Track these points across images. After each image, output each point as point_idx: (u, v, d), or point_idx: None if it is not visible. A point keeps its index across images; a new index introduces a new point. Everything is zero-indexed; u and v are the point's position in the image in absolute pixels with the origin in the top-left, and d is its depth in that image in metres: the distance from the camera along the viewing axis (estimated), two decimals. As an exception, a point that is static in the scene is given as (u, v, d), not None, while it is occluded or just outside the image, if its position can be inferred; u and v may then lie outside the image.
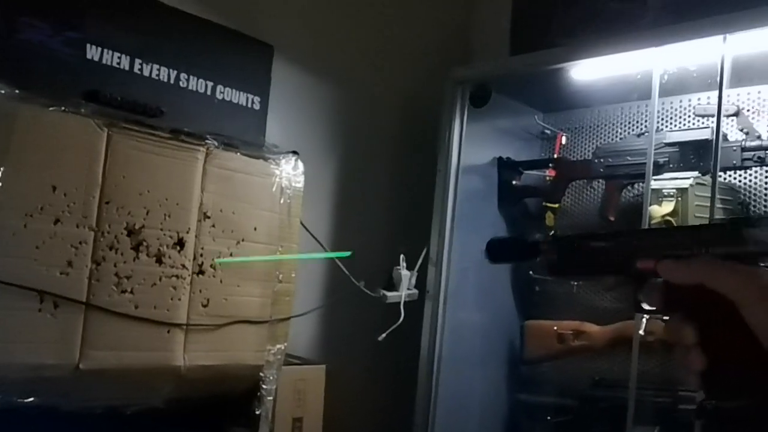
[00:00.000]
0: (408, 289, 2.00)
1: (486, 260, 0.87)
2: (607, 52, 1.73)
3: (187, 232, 1.43)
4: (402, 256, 1.96)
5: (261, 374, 1.57)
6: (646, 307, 0.71)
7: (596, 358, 2.03)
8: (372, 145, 2.25)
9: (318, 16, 2.13)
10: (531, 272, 2.19)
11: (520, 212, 2.26)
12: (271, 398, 1.59)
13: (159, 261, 1.39)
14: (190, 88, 1.78)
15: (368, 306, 1.97)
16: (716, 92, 1.58)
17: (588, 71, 1.85)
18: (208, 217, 1.47)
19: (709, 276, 0.62)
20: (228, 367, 1.51)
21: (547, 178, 2.16)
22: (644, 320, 1.85)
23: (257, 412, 1.58)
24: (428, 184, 2.08)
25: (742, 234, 0.64)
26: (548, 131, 2.30)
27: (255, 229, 1.55)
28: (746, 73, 1.76)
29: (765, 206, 1.80)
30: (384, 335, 1.88)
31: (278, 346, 1.59)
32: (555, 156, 2.21)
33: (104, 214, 1.33)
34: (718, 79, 1.55)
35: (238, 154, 1.54)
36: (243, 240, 1.53)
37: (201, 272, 1.46)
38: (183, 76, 1.76)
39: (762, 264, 0.62)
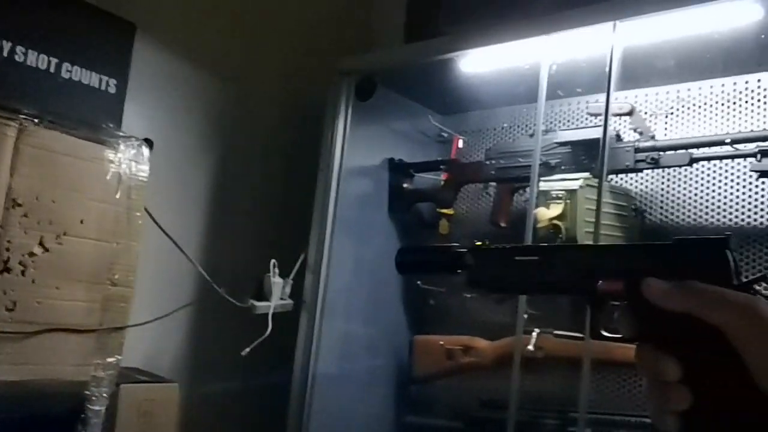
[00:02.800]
0: (281, 298, 1.81)
1: (396, 270, 0.78)
2: (495, 41, 1.60)
3: (-11, 222, 1.21)
4: (273, 262, 1.77)
5: (87, 392, 1.34)
6: (607, 333, 0.62)
7: (485, 376, 1.87)
8: (249, 139, 2.04)
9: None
10: (419, 283, 2.02)
11: (412, 218, 2.10)
12: (98, 421, 1.36)
13: (-51, 254, 1.16)
14: (28, 63, 1.56)
15: (235, 317, 1.76)
16: (608, 93, 1.46)
17: (476, 64, 1.72)
18: (19, 205, 1.24)
19: (703, 304, 0.54)
20: (42, 383, 1.27)
21: (441, 181, 2.02)
22: (534, 335, 1.72)
23: (81, 436, 1.35)
24: (312, 185, 1.90)
25: (726, 255, 0.56)
26: (445, 134, 2.16)
27: (81, 221, 1.33)
28: (643, 73, 1.67)
29: (661, 213, 1.69)
30: (248, 349, 1.68)
31: (110, 359, 1.37)
32: (450, 158, 2.07)
33: None
34: (607, 70, 1.43)
35: (64, 134, 1.32)
36: (65, 233, 1.30)
37: (7, 270, 1.23)
38: (19, 48, 1.54)
39: (754, 290, 0.55)
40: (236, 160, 2.00)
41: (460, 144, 2.12)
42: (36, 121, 1.27)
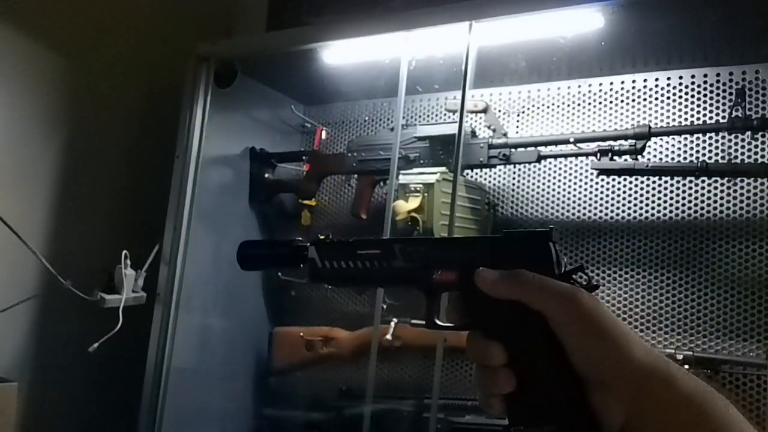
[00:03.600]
0: (133, 291, 1.73)
1: (239, 265, 0.76)
2: (356, 35, 1.61)
3: None
4: (125, 253, 1.68)
5: None
6: (441, 323, 0.64)
7: (345, 366, 1.89)
8: (101, 123, 1.93)
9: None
10: (280, 274, 2.01)
11: (273, 209, 2.08)
12: None
13: None
14: None
15: (83, 311, 1.66)
16: (463, 91, 1.51)
17: (339, 55, 1.72)
18: None
19: (530, 293, 0.57)
20: None
21: (303, 172, 2.01)
22: (392, 324, 1.76)
23: None
24: (168, 172, 1.83)
25: (548, 247, 0.59)
26: (308, 124, 2.15)
27: None
28: (497, 73, 1.74)
29: (512, 207, 1.78)
30: (96, 345, 1.59)
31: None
32: (312, 149, 2.07)
33: None
34: (463, 68, 1.48)
35: None
36: None
37: None
38: None
39: (573, 280, 0.58)
40: (85, 145, 1.88)
41: (323, 135, 2.12)
42: None
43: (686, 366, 1.41)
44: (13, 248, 1.57)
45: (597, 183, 1.66)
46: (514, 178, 1.79)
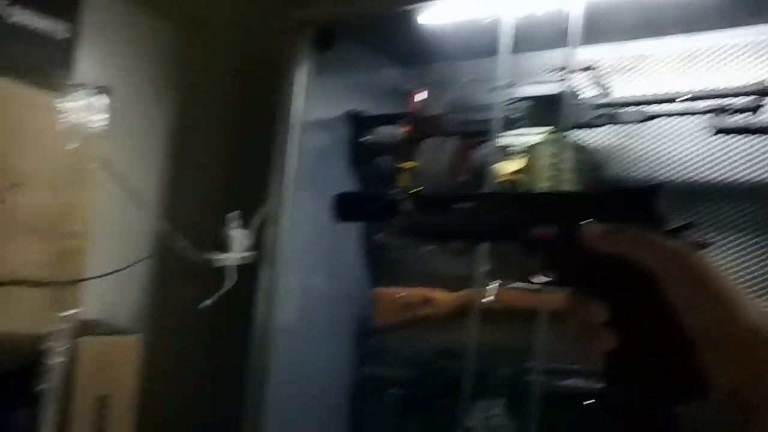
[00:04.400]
0: (242, 251, 1.80)
1: (333, 217, 0.74)
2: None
3: (-67, 173, 1.17)
4: (234, 214, 1.75)
5: (44, 346, 1.33)
6: (538, 279, 0.62)
7: (443, 327, 1.91)
8: (208, 89, 2.00)
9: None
10: (382, 235, 2.03)
11: (371, 171, 2.10)
12: (57, 374, 1.35)
13: None
14: (-29, 5, 1.49)
15: (196, 269, 1.75)
16: (569, 48, 1.47)
17: (437, 15, 1.70)
18: (-35, 155, 1.20)
19: (638, 248, 0.55)
20: (-4, 337, 1.25)
21: (400, 135, 2.01)
22: (493, 287, 1.75)
23: (38, 390, 1.33)
24: (271, 137, 1.88)
25: (648, 207, 0.57)
26: (406, 86, 2.14)
27: (33, 172, 1.29)
28: (601, 29, 1.67)
29: (617, 166, 1.73)
30: (209, 302, 1.68)
31: (67, 312, 1.35)
32: (408, 111, 2.06)
33: None
34: (568, 25, 1.43)
35: (10, 82, 1.27)
36: (18, 184, 1.27)
37: (-45, 222, 1.19)
38: (-38, -11, 1.47)
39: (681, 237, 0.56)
40: (194, 110, 1.96)
41: (421, 96, 2.11)
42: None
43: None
44: (131, 210, 1.67)
45: (709, 143, 1.58)
46: (619, 138, 1.72)
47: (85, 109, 1.38)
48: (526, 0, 1.53)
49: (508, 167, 1.59)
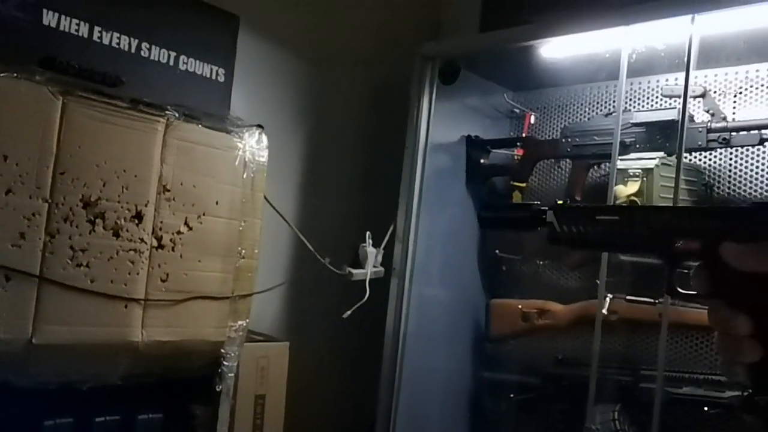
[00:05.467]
0: (374, 266, 1.99)
1: (480, 225, 0.83)
2: (576, 30, 1.72)
3: (146, 205, 1.40)
4: (368, 233, 1.94)
5: (222, 351, 1.55)
6: (682, 291, 0.66)
7: (559, 337, 2.04)
8: (340, 120, 2.22)
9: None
10: (497, 251, 2.19)
11: (487, 191, 2.25)
12: (232, 375, 1.57)
13: (116, 234, 1.35)
14: (151, 57, 1.73)
15: (333, 283, 1.95)
16: (683, 73, 1.58)
17: (557, 49, 1.84)
18: (168, 190, 1.43)
19: None
20: (187, 342, 1.48)
21: (515, 157, 2.16)
22: (607, 300, 1.87)
23: (218, 389, 1.56)
24: (396, 161, 2.06)
25: None
26: (517, 110, 2.29)
27: (216, 203, 1.52)
28: (714, 54, 1.76)
29: (729, 188, 1.82)
30: (349, 312, 1.87)
31: (240, 322, 1.57)
32: (523, 135, 2.21)
33: (59, 185, 1.28)
34: (686, 59, 1.55)
35: (200, 126, 1.49)
36: (204, 214, 1.50)
37: (160, 246, 1.42)
38: (144, 45, 1.72)
39: None
40: (329, 139, 2.18)
41: (532, 120, 2.25)
42: (177, 115, 1.45)
43: None
44: (282, 232, 1.89)
45: (824, 165, 1.66)
46: (731, 160, 1.81)
47: (252, 147, 1.60)
48: (644, 33, 1.64)
49: (625, 190, 1.71)
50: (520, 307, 2.05)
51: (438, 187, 2.11)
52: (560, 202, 0.75)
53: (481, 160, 2.18)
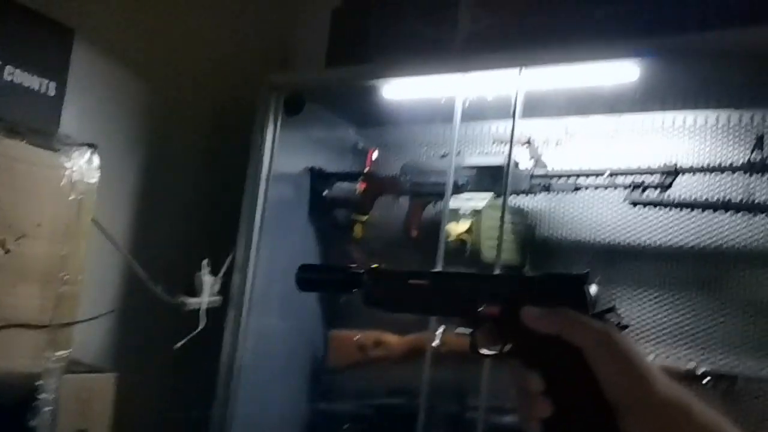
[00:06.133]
0: (211, 295, 1.94)
1: (297, 287, 0.83)
2: (417, 73, 1.81)
3: (-45, 225, 1.29)
4: (205, 261, 1.90)
5: (38, 383, 1.44)
6: (484, 351, 0.71)
7: (394, 368, 2.09)
8: (179, 144, 2.16)
9: (126, 2, 2.01)
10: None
11: (329, 223, 2.28)
12: (48, 409, 1.46)
13: None
14: (-29, 65, 1.61)
15: (167, 312, 1.88)
16: (511, 121, 1.71)
17: (399, 90, 1.92)
18: (-16, 210, 1.33)
19: (570, 328, 0.63)
20: (-2, 375, 1.37)
21: (357, 191, 2.21)
22: (439, 332, 1.95)
23: (31, 424, 1.45)
24: (238, 188, 2.04)
25: (583, 290, 0.66)
26: (361, 146, 2.35)
27: (38, 225, 1.42)
28: (538, 106, 1.91)
29: (548, 229, 1.97)
30: (181, 343, 1.81)
31: (60, 352, 1.47)
32: (366, 170, 2.27)
33: None
34: (512, 109, 1.67)
35: (23, 142, 1.40)
36: (24, 236, 1.40)
37: (-30, 270, 1.31)
38: (-37, 51, 1.60)
39: (605, 318, 0.65)
40: (167, 163, 2.11)
41: (375, 156, 2.32)
42: (-3, 130, 1.36)
43: (708, 378, 1.59)
44: (111, 257, 1.80)
45: (629, 212, 1.84)
46: (552, 203, 1.96)
47: (82, 166, 1.52)
48: (478, 83, 1.75)
49: (457, 228, 1.80)
50: (357, 338, 2.08)
51: (280, 217, 2.11)
52: (374, 265, 0.77)
53: (324, 193, 2.21)
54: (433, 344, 1.94)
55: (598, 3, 1.61)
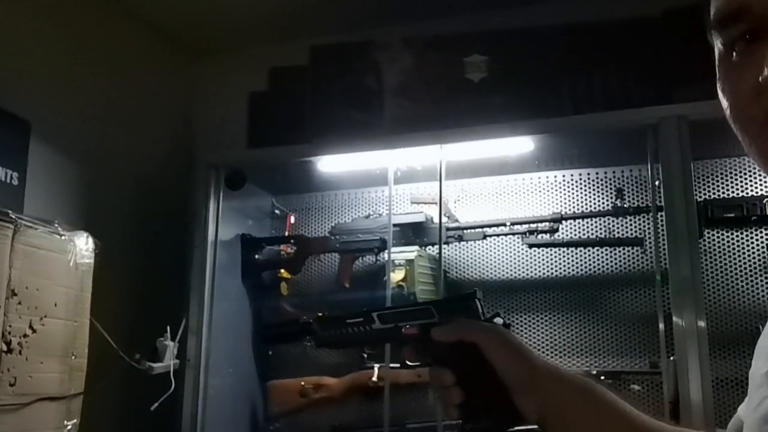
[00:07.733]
0: (171, 359, 2.10)
1: (262, 343, 1.05)
2: (350, 151, 2.15)
3: (-3, 311, 1.40)
4: (168, 327, 2.06)
5: (55, 453, 1.55)
6: (411, 363, 0.89)
7: (335, 407, 2.35)
8: (124, 221, 2.31)
9: (73, 94, 2.16)
10: (262, 341, 2.45)
11: (257, 284, 2.50)
12: (65, 476, 1.57)
13: (-31, 341, 1.34)
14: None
15: (133, 378, 2.01)
16: (433, 182, 2.09)
17: (333, 164, 2.24)
18: (15, 294, 1.45)
19: (467, 333, 0.81)
20: (30, 447, 1.47)
21: (283, 253, 2.47)
22: (375, 369, 2.25)
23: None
24: (176, 257, 2.23)
25: (470, 305, 0.87)
26: (278, 211, 2.62)
27: (55, 304, 1.56)
28: (453, 169, 2.28)
29: (461, 273, 2.36)
30: (156, 404, 1.95)
31: (74, 421, 1.60)
32: (287, 234, 2.54)
33: None
34: (438, 175, 2.06)
35: (40, 231, 1.55)
36: (46, 316, 1.53)
37: (9, 350, 1.43)
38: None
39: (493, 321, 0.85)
40: (119, 240, 2.24)
41: (292, 220, 2.60)
42: (26, 221, 1.49)
43: (602, 377, 2.05)
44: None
45: (525, 253, 2.30)
46: (462, 250, 2.37)
47: (81, 249, 1.68)
48: (407, 156, 2.12)
49: (395, 276, 2.14)
50: (302, 384, 2.31)
51: (218, 282, 2.31)
52: (320, 314, 0.93)
53: (256, 256, 2.45)
54: (373, 379, 2.25)
55: (495, 92, 2.06)
